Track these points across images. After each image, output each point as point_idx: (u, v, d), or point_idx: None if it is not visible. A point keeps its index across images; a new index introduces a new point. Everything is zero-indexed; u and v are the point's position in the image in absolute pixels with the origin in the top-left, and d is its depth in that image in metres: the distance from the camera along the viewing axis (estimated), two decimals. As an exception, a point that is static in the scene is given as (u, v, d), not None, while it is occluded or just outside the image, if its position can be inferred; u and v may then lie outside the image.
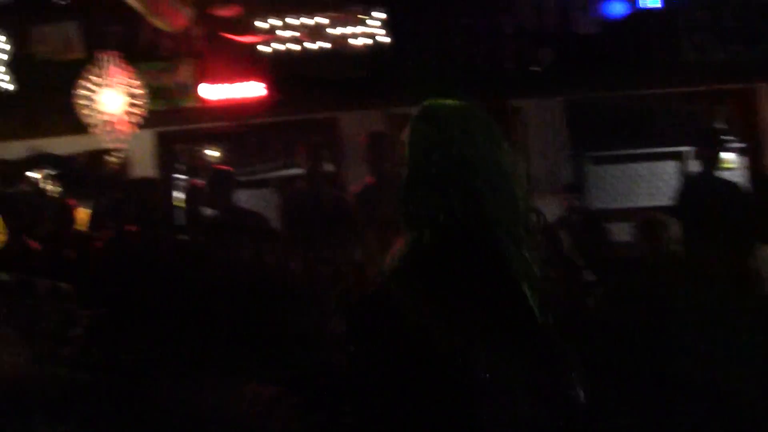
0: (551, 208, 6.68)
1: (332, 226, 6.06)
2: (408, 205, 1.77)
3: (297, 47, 7.07)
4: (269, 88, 7.20)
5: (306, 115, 7.28)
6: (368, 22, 7.09)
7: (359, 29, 7.09)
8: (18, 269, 5.49)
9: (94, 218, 7.08)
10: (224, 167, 6.46)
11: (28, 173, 7.37)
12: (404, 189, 1.79)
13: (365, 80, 7.05)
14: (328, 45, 7.12)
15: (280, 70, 7.17)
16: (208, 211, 6.72)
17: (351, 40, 7.08)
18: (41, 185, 7.15)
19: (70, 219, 6.36)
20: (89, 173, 7.20)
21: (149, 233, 5.54)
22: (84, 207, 7.09)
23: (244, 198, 7.33)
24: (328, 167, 6.86)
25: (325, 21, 7.13)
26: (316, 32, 7.10)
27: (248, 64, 7.20)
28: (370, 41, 7.07)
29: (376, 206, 6.07)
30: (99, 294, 5.19)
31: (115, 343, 5.01)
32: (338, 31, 7.11)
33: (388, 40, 7.08)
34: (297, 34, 7.07)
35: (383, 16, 7.09)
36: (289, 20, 7.08)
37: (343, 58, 7.10)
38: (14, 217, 7.59)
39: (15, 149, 7.62)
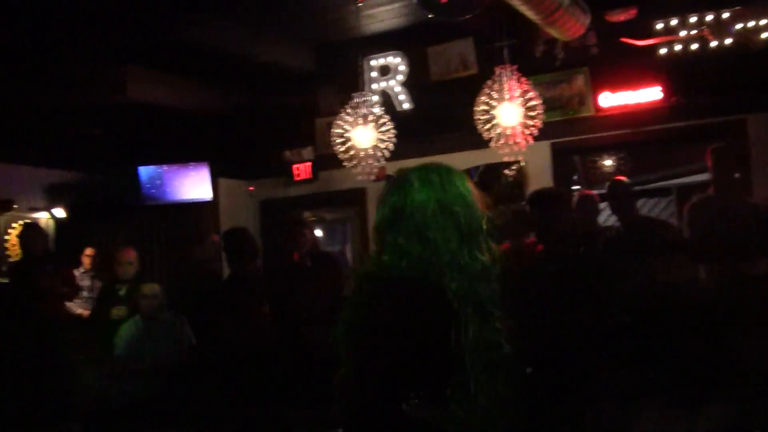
0: None
1: (747, 236, 5.92)
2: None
3: (698, 46, 7.01)
4: (669, 92, 7.18)
5: (710, 119, 7.12)
6: (778, 13, 6.80)
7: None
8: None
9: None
10: (622, 178, 6.57)
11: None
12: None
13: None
14: (732, 42, 6.97)
15: (680, 72, 7.11)
16: (607, 222, 6.89)
17: (760, 35, 6.85)
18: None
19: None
20: (488, 186, 7.73)
21: (550, 245, 5.79)
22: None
23: (648, 206, 7.43)
24: (737, 173, 6.70)
25: (728, 15, 6.99)
26: (719, 29, 6.98)
27: (646, 68, 7.22)
28: (781, 34, 6.78)
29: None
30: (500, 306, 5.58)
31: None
32: (743, 25, 6.92)
33: (803, 30, 6.74)
34: (697, 32, 7.02)
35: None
36: (690, 18, 7.05)
37: (750, 56, 6.86)
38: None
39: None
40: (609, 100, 7.41)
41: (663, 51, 7.12)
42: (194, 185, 9.51)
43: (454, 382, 2.13)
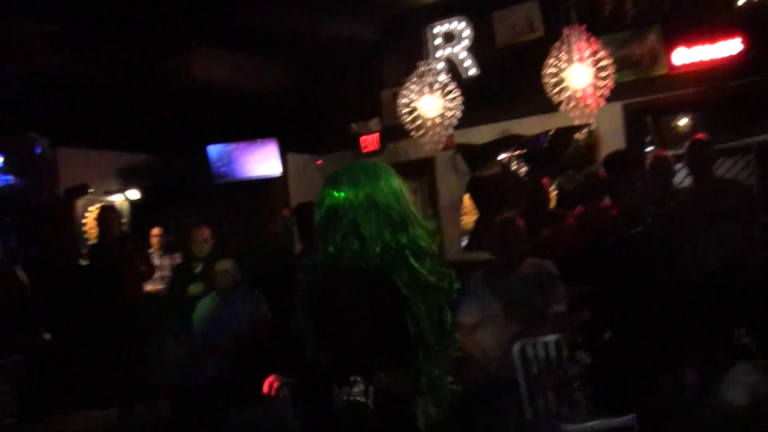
0: None
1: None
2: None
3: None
4: (750, 44, 6.85)
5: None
6: None
7: None
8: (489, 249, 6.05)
9: (563, 195, 7.54)
10: (703, 136, 6.40)
11: (498, 155, 8.08)
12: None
13: None
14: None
15: (762, 22, 6.77)
16: (682, 184, 6.76)
17: None
18: (512, 166, 7.82)
19: (545, 198, 6.87)
20: (558, 151, 7.67)
21: (625, 208, 5.73)
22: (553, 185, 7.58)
23: (726, 166, 7.23)
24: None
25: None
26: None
27: (724, 20, 6.93)
28: None
29: None
30: (575, 271, 5.55)
31: (596, 326, 5.30)
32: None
33: None
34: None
35: None
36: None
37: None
38: (486, 198, 8.40)
39: (484, 133, 8.39)
40: (683, 56, 7.12)
41: (742, 0, 6.87)
42: (263, 161, 9.64)
43: (417, 350, 2.43)
